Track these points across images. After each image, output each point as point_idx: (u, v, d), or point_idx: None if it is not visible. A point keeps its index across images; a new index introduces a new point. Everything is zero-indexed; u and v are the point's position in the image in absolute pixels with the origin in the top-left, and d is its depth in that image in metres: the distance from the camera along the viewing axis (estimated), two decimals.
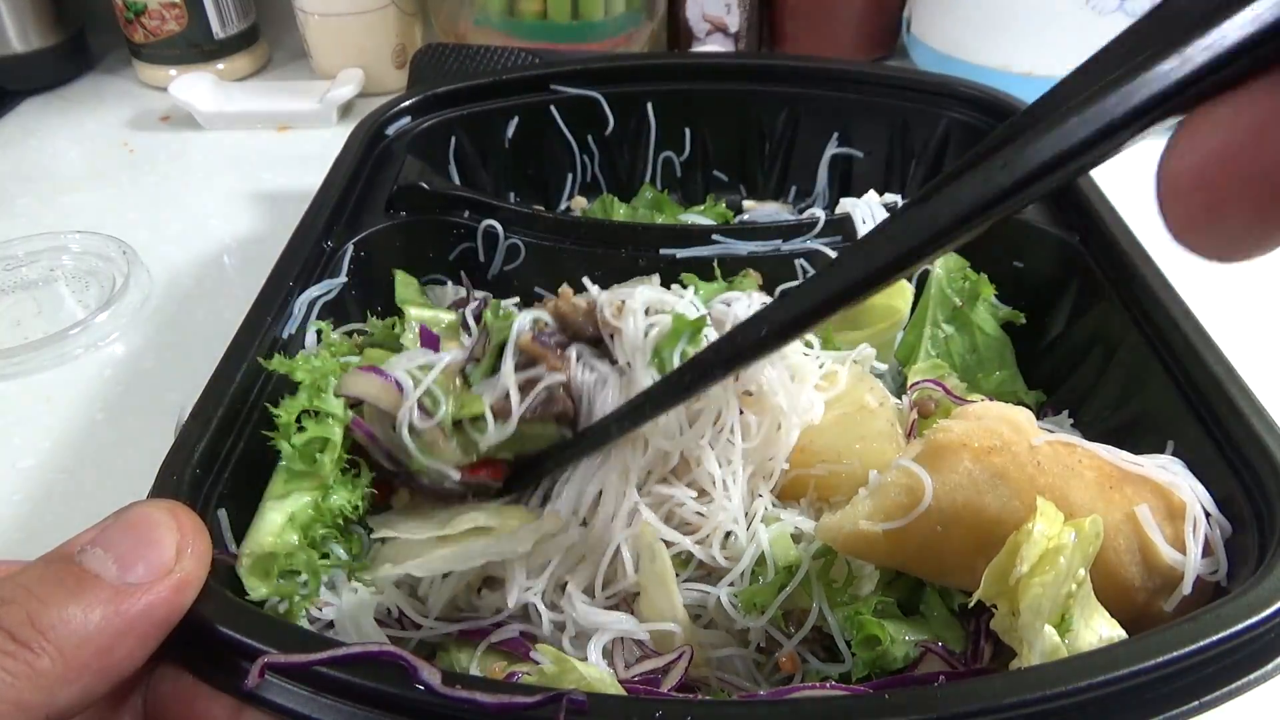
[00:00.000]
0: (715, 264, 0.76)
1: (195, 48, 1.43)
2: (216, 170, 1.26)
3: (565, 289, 0.64)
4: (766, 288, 0.79)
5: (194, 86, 1.36)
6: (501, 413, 0.59)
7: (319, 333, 0.72)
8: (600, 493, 0.61)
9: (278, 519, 0.57)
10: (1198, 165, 0.28)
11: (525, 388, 0.60)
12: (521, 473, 0.63)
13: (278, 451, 0.59)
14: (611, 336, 0.61)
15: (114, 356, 0.94)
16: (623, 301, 0.61)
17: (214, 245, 1.10)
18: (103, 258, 1.05)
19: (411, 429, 0.59)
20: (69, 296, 1.01)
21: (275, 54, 1.57)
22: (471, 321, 0.71)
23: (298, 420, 0.59)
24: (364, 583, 0.61)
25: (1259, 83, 0.27)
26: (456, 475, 0.59)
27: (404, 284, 0.80)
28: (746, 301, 0.65)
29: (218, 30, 1.43)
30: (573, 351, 0.61)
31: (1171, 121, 0.30)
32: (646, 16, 1.34)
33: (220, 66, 1.46)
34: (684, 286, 0.66)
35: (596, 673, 0.51)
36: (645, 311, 0.61)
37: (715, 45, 1.39)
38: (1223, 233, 0.29)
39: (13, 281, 1.03)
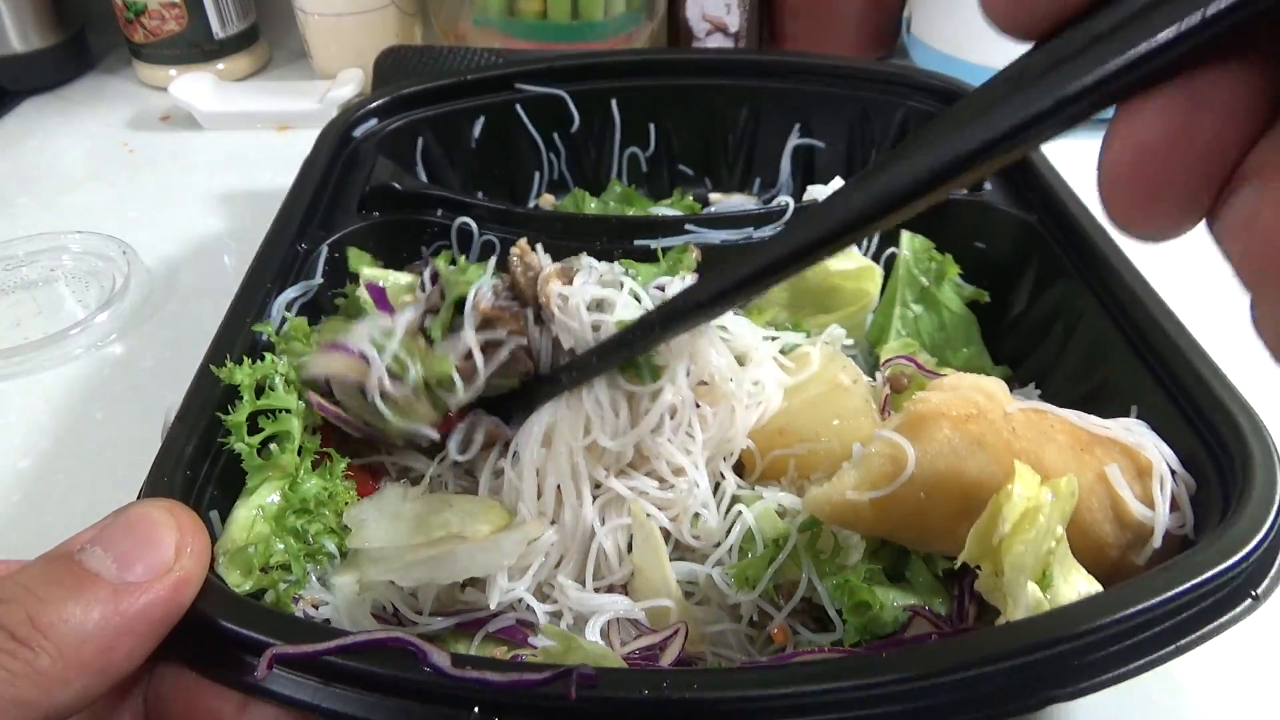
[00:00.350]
0: (659, 250, 0.78)
1: (195, 48, 1.43)
2: (217, 170, 1.26)
3: (523, 244, 0.66)
4: None
5: (194, 86, 1.35)
6: (467, 373, 0.61)
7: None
8: (559, 487, 0.62)
9: (247, 514, 0.57)
10: (1132, 155, 0.30)
11: (487, 349, 0.62)
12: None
13: None
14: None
15: (114, 356, 0.93)
16: (565, 298, 0.63)
17: (214, 245, 1.10)
18: (103, 258, 1.04)
19: (384, 395, 0.61)
20: (69, 296, 1.00)
21: (275, 54, 1.57)
22: (428, 280, 0.71)
23: (253, 421, 0.60)
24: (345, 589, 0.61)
25: (1184, 77, 0.29)
26: (435, 434, 0.62)
27: (357, 258, 0.79)
28: (680, 285, 0.67)
29: (218, 30, 1.42)
30: (529, 313, 0.64)
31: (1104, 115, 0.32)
32: (646, 16, 1.34)
33: (220, 66, 1.45)
34: (625, 272, 0.67)
35: (600, 649, 0.52)
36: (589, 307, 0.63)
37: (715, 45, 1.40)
38: (1157, 216, 0.31)
39: (13, 281, 1.03)
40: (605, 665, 0.50)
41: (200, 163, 1.28)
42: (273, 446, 0.60)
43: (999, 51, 0.33)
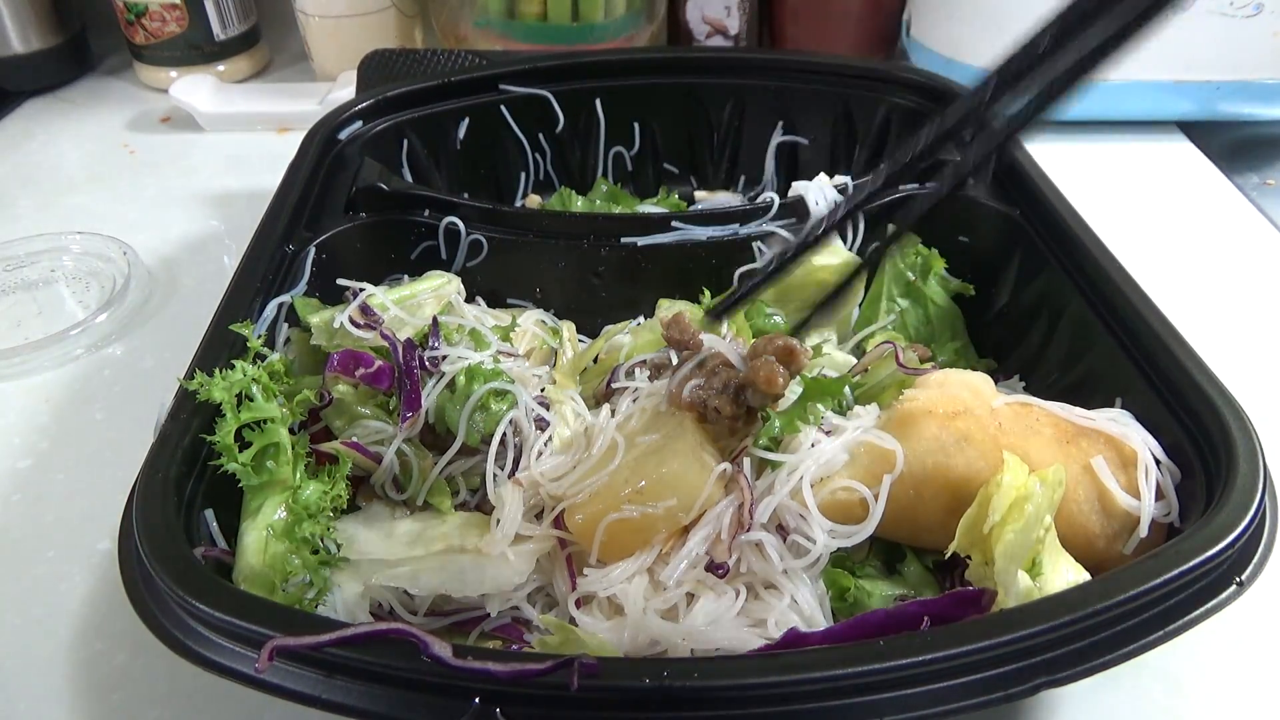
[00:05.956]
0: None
1: (196, 49, 1.43)
2: (217, 172, 1.26)
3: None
4: (725, 271, 0.82)
5: (194, 88, 1.35)
6: None
7: (287, 340, 0.73)
8: None
9: (257, 536, 0.57)
10: None
11: None
12: None
13: None
14: None
15: (114, 357, 0.93)
16: None
17: (214, 246, 1.10)
18: (103, 258, 1.04)
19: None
20: (69, 297, 1.01)
21: (276, 56, 1.57)
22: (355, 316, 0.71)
23: (239, 436, 0.59)
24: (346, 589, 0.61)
25: None
26: None
27: (303, 306, 0.75)
28: None
29: (218, 32, 1.42)
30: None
31: None
32: (646, 19, 1.35)
33: (221, 68, 1.45)
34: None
35: (598, 640, 0.52)
36: None
37: None
38: None
39: (13, 282, 1.03)
40: (604, 654, 0.50)
41: (200, 164, 1.28)
42: (269, 463, 0.59)
43: (998, 54, 0.34)
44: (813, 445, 0.61)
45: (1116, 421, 0.62)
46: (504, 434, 0.65)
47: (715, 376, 0.63)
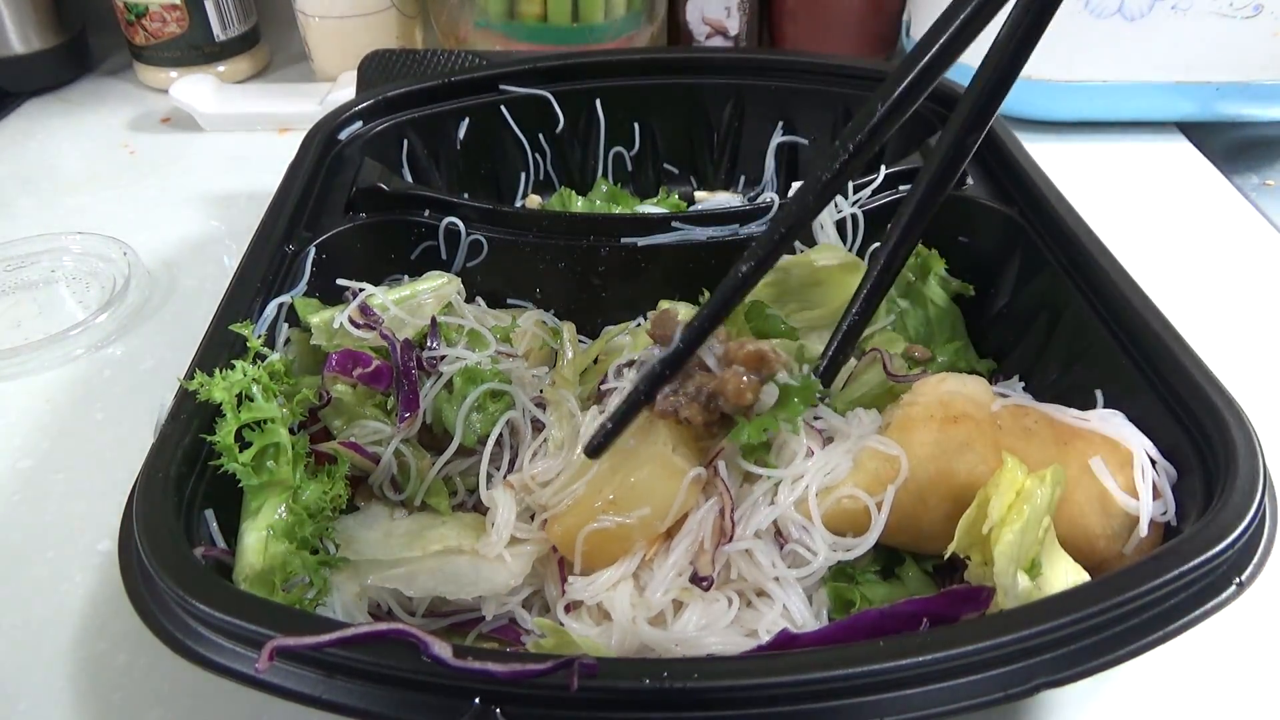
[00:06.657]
0: None
1: (196, 50, 1.43)
2: (217, 172, 1.26)
3: None
4: (725, 271, 0.81)
5: (195, 88, 1.35)
6: None
7: (287, 340, 0.73)
8: None
9: (258, 536, 0.57)
10: None
11: None
12: None
13: None
14: None
15: (114, 357, 0.93)
16: None
17: (214, 247, 1.10)
18: (103, 259, 1.04)
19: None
20: (69, 297, 1.01)
21: (276, 56, 1.57)
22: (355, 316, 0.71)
23: (239, 437, 0.59)
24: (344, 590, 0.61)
25: None
26: None
27: (304, 306, 0.74)
28: None
29: (218, 32, 1.43)
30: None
31: None
32: (647, 19, 1.35)
33: (221, 69, 1.45)
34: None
35: (591, 642, 0.52)
36: None
37: None
38: None
39: (13, 282, 1.03)
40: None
41: (201, 165, 1.28)
42: (269, 463, 0.59)
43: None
44: (809, 454, 0.61)
45: (1109, 421, 0.62)
46: (500, 435, 0.65)
47: (690, 380, 0.62)
